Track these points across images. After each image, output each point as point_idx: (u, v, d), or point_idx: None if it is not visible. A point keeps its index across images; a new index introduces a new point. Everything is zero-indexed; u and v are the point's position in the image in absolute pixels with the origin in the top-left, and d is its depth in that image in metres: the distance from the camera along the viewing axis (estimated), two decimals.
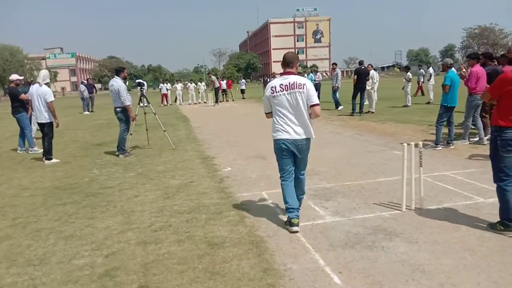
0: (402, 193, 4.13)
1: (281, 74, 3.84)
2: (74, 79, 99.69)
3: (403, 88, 15.70)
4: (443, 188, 4.89)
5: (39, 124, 7.66)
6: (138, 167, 6.86)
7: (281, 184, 3.94)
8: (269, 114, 3.96)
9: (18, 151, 9.01)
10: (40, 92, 7.39)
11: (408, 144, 4.07)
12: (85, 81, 22.58)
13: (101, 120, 15.70)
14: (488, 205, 4.22)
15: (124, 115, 7.80)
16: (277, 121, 3.78)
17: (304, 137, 3.75)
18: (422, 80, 19.29)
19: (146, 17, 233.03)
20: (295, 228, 3.71)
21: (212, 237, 3.67)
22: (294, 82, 3.68)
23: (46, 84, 7.52)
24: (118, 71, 8.01)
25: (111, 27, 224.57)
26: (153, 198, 5.02)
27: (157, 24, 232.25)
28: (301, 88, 3.67)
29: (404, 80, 15.85)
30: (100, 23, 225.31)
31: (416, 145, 4.11)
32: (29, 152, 8.87)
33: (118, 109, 7.76)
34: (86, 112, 20.17)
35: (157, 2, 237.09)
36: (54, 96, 7.81)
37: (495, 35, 77.76)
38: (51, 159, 7.60)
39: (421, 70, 19.97)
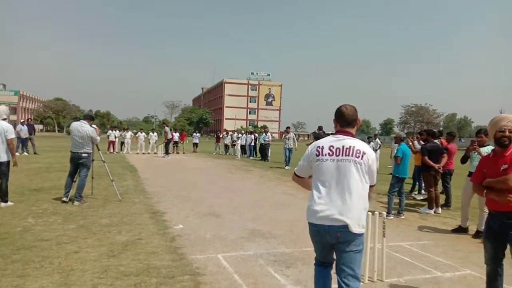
0: (365, 263, 4.02)
1: (336, 133, 2.89)
2: (13, 117, 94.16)
3: None
4: (400, 259, 4.86)
5: None
6: (79, 219, 6.25)
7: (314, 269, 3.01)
8: (300, 179, 3.04)
9: None
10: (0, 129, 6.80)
11: (372, 213, 4.04)
12: (25, 121, 21.22)
13: (40, 164, 14.56)
14: (446, 280, 4.22)
15: (88, 160, 7.56)
16: (313, 196, 2.80)
17: (346, 223, 2.63)
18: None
19: (97, 61, 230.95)
20: None
21: None
22: (350, 147, 2.75)
23: (3, 120, 6.96)
24: (89, 117, 7.87)
25: (59, 67, 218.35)
26: (95, 255, 4.51)
27: (108, 68, 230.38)
28: (359, 156, 2.71)
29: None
30: (48, 63, 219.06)
31: (380, 214, 4.10)
32: None
33: (84, 154, 7.46)
34: (25, 153, 18.80)
35: (110, 46, 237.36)
36: None
37: (429, 114, 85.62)
38: (7, 201, 7.02)
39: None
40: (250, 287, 3.79)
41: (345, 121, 2.83)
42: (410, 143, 9.96)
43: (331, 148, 2.75)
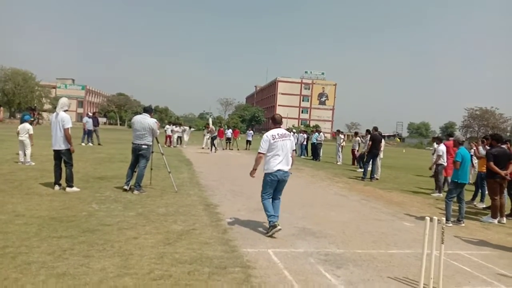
0: (421, 270, 3.87)
1: (275, 128, 5.72)
2: (80, 110, 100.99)
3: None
4: (459, 268, 4.62)
5: (55, 152, 7.52)
6: (138, 207, 6.60)
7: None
8: (262, 155, 5.74)
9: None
10: (59, 119, 7.38)
11: (431, 219, 3.88)
12: (91, 114, 22.48)
13: (103, 154, 15.49)
14: None
15: (148, 152, 7.93)
16: (274, 160, 5.64)
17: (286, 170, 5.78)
18: (357, 148, 18.04)
19: (157, 60, 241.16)
20: None
21: None
22: (284, 133, 5.67)
23: (65, 111, 7.52)
24: (149, 110, 8.17)
25: (123, 64, 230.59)
26: (153, 242, 4.74)
27: (168, 67, 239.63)
28: (288, 136, 5.70)
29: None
30: (114, 60, 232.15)
31: (439, 221, 3.92)
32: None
33: (144, 146, 7.85)
34: (90, 144, 20.12)
35: (170, 48, 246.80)
36: None
37: (495, 118, 79.85)
38: (72, 186, 7.57)
39: (357, 138, 18.22)
40: (300, 284, 3.80)
41: (277, 122, 5.73)
42: (475, 148, 9.42)
43: (277, 134, 5.54)
